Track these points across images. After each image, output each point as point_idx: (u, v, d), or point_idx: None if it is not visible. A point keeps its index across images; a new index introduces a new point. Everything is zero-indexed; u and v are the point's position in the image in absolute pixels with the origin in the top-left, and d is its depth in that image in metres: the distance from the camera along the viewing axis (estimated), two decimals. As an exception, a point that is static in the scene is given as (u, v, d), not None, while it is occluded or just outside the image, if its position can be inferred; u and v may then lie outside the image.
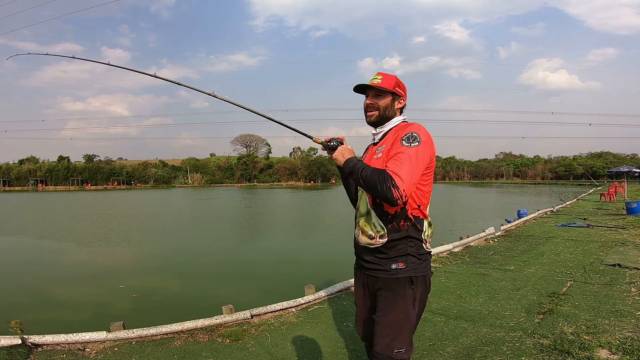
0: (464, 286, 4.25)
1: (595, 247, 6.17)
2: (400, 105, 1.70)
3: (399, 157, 1.47)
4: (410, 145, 1.49)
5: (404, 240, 1.56)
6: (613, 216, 10.59)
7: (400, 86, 1.68)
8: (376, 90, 1.66)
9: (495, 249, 6.37)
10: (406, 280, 1.55)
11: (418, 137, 1.51)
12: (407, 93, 1.73)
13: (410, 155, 1.47)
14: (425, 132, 1.55)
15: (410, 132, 1.53)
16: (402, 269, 1.55)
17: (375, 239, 1.58)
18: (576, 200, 17.90)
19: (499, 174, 72.07)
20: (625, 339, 2.69)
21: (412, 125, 1.60)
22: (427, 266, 1.62)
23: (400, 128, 1.62)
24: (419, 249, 1.59)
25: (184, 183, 67.17)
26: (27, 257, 9.43)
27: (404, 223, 1.56)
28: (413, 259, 1.57)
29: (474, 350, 2.71)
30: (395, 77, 1.67)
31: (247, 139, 74.02)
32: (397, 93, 1.66)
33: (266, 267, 7.98)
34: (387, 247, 1.57)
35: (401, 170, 1.43)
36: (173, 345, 2.99)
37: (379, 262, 1.59)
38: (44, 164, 68.10)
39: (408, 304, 1.54)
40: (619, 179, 30.86)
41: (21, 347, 2.83)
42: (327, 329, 3.22)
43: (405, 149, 1.48)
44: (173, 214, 20.63)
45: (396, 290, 1.55)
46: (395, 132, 1.62)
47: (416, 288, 1.56)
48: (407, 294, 1.54)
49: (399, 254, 1.56)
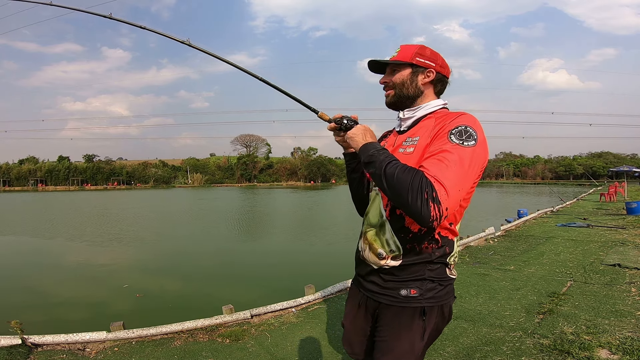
0: (464, 286, 4.25)
1: (595, 247, 6.17)
2: (429, 78, 1.29)
3: (446, 157, 1.06)
4: (462, 143, 1.09)
5: (422, 264, 1.22)
6: (613, 216, 10.58)
7: (425, 54, 1.28)
8: (392, 64, 1.32)
9: (495, 249, 6.37)
10: (416, 311, 1.21)
11: (474, 134, 1.11)
12: (444, 63, 1.31)
13: (462, 158, 1.06)
14: (481, 127, 1.15)
15: (464, 125, 1.12)
16: (414, 297, 1.21)
17: (387, 259, 1.23)
18: (576, 200, 17.89)
19: (499, 174, 72.05)
20: (625, 339, 2.69)
21: (463, 115, 1.17)
22: (449, 293, 1.27)
23: (444, 116, 1.22)
24: (441, 274, 1.23)
25: (184, 183, 67.17)
26: (27, 257, 9.43)
27: (427, 245, 1.21)
28: (431, 285, 1.22)
29: (474, 350, 2.71)
30: (419, 45, 1.30)
31: (247, 139, 74.05)
32: (420, 64, 1.27)
33: (266, 267, 7.98)
34: (399, 268, 1.23)
35: (447, 178, 1.02)
36: (173, 345, 2.99)
37: (384, 285, 1.26)
38: (44, 164, 68.07)
39: (414, 337, 1.22)
40: (619, 179, 30.87)
41: (21, 347, 2.83)
42: (327, 329, 3.22)
43: (456, 148, 1.07)
44: (173, 214, 20.62)
45: (401, 321, 1.23)
46: (436, 120, 1.22)
47: (428, 320, 1.22)
48: (414, 327, 1.22)
49: (413, 277, 1.21)
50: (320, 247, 10.08)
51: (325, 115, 1.38)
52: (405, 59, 1.28)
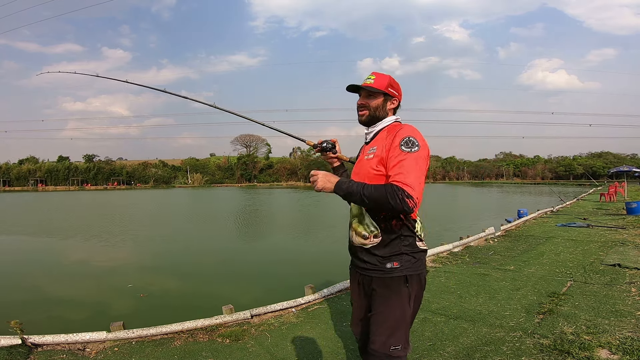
0: (464, 286, 4.25)
1: (595, 247, 6.17)
2: (393, 105, 1.69)
3: (403, 165, 1.46)
4: (411, 150, 1.48)
5: (397, 239, 1.57)
6: (613, 216, 10.59)
7: (394, 86, 1.67)
8: (368, 90, 1.65)
9: (495, 249, 6.37)
10: (401, 279, 1.56)
11: (416, 142, 1.50)
12: (401, 93, 1.72)
13: (414, 160, 1.47)
14: (419, 134, 1.55)
15: (408, 137, 1.51)
16: (397, 268, 1.56)
17: (370, 238, 1.59)
18: (576, 200, 17.90)
19: (499, 174, 72.10)
20: (625, 339, 2.69)
21: (406, 127, 1.59)
22: (422, 264, 1.62)
23: (392, 128, 1.62)
24: (413, 247, 1.59)
25: (184, 183, 67.20)
26: (27, 257, 9.42)
27: (396, 222, 1.56)
28: (407, 258, 1.57)
29: (474, 350, 2.71)
30: (389, 77, 1.66)
31: (247, 139, 74.08)
32: (390, 93, 1.65)
33: (266, 267, 7.98)
34: (381, 246, 1.58)
35: (409, 179, 1.41)
36: (173, 345, 2.99)
37: (373, 262, 1.59)
38: (44, 164, 68.14)
39: (404, 302, 1.55)
40: (619, 179, 30.87)
41: (21, 347, 2.83)
42: (327, 329, 3.22)
43: (407, 155, 1.47)
44: (173, 214, 20.62)
45: (391, 288, 1.56)
46: (387, 132, 1.62)
47: (411, 286, 1.57)
48: (403, 292, 1.55)
49: (393, 253, 1.56)
50: (321, 246, 10.08)
51: (310, 142, 1.91)
52: (380, 88, 1.64)
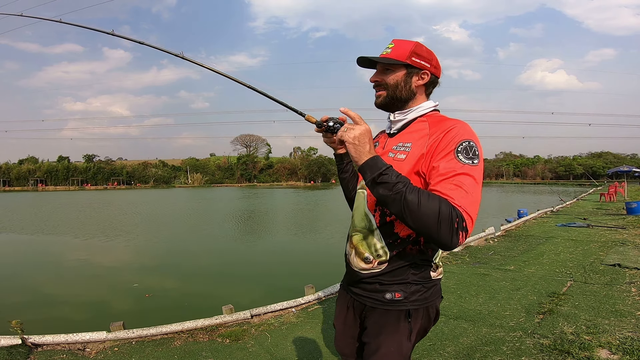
0: (464, 286, 4.25)
1: (595, 247, 6.17)
2: (423, 81, 1.23)
3: (463, 182, 1.03)
4: (472, 162, 1.06)
5: (407, 267, 1.20)
6: (613, 216, 10.59)
7: (422, 55, 1.21)
8: (383, 62, 1.23)
9: (495, 249, 6.37)
10: (401, 314, 1.20)
11: (477, 150, 1.08)
12: (438, 63, 1.26)
13: (475, 178, 1.05)
14: (477, 136, 1.13)
15: (467, 141, 1.09)
16: (398, 300, 1.20)
17: (373, 264, 1.22)
18: (576, 200, 17.89)
19: (499, 174, 72.04)
20: (625, 339, 2.69)
21: (459, 124, 1.13)
22: (434, 294, 1.25)
23: (438, 121, 1.18)
24: (424, 276, 1.22)
25: (184, 183, 67.18)
26: (27, 257, 9.43)
27: (411, 248, 1.19)
28: (415, 288, 1.20)
29: (474, 350, 2.71)
30: (415, 43, 1.22)
31: (247, 139, 74.11)
32: (415, 65, 1.21)
33: (266, 267, 7.98)
34: (383, 272, 1.22)
35: (471, 205, 1.02)
36: (173, 345, 2.99)
37: (370, 288, 1.25)
38: (44, 164, 68.08)
39: (401, 338, 1.21)
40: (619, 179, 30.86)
41: (21, 347, 2.83)
42: (327, 329, 3.22)
43: (469, 170, 1.05)
44: (173, 214, 20.62)
45: (387, 322, 1.22)
46: (430, 126, 1.18)
47: (414, 321, 1.21)
48: (401, 329, 1.21)
49: (397, 281, 1.20)
50: (321, 246, 10.08)
51: (312, 118, 1.32)
52: (400, 58, 1.20)
